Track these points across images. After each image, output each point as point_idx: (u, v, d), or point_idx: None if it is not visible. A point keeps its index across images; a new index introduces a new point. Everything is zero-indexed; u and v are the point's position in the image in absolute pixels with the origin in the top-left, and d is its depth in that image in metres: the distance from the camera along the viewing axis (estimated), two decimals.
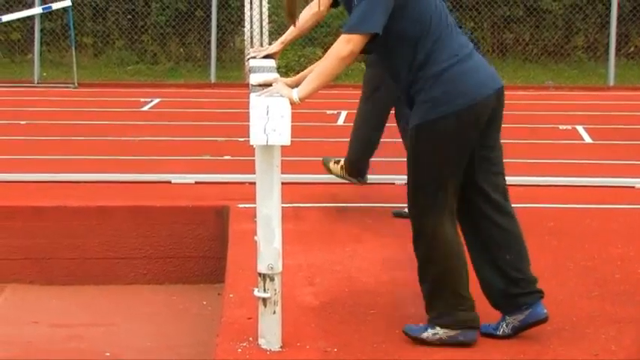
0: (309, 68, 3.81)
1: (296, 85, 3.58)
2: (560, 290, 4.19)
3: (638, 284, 4.36)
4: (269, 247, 3.42)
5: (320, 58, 3.89)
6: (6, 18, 13.50)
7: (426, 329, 3.61)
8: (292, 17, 3.72)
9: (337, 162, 5.82)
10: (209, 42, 14.08)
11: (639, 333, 3.72)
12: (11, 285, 5.62)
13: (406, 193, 3.67)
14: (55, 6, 13.48)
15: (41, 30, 14.15)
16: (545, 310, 3.62)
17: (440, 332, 3.58)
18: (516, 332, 3.62)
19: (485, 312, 3.74)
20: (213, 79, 13.70)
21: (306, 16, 5.06)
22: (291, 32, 5.17)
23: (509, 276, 3.60)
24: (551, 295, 3.90)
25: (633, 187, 6.43)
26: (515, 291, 3.60)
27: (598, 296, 4.18)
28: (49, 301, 5.42)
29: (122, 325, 4.98)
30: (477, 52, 3.65)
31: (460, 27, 3.70)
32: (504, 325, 3.63)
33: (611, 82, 13.08)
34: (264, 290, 3.43)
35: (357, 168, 5.72)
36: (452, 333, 3.57)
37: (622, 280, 4.43)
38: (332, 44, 3.67)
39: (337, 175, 5.84)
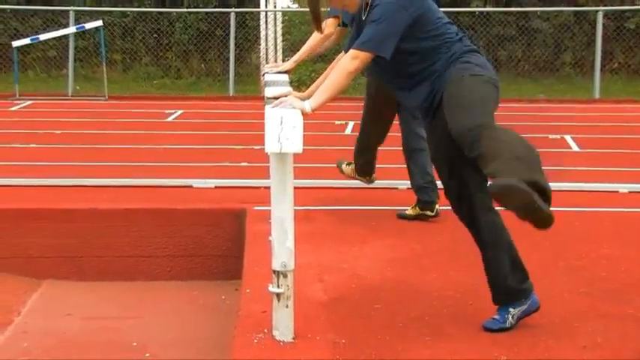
0: (316, 82, 3.80)
1: (307, 97, 3.58)
2: (551, 287, 4.16)
3: (624, 282, 4.33)
4: (282, 246, 3.40)
5: None
6: (43, 37, 13.57)
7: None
8: (318, 22, 3.70)
9: (349, 164, 5.80)
10: (228, 58, 14.12)
11: (630, 330, 3.69)
12: (47, 281, 5.62)
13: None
14: (87, 26, 13.55)
15: (75, 48, 14.22)
16: (537, 298, 3.65)
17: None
18: (518, 321, 3.62)
19: (482, 308, 3.73)
20: (231, 92, 13.74)
21: (319, 37, 5.07)
22: (303, 52, 5.18)
23: (517, 267, 3.60)
24: (542, 291, 3.88)
25: (617, 191, 6.41)
26: (521, 280, 3.60)
27: (586, 293, 4.15)
28: (81, 296, 5.42)
29: (148, 318, 4.97)
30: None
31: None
32: (510, 318, 3.61)
33: (597, 95, 13.08)
34: (278, 286, 3.42)
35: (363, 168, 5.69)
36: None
37: (608, 278, 4.41)
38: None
39: (348, 175, 5.82)
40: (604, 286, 4.27)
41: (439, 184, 4.06)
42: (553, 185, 6.63)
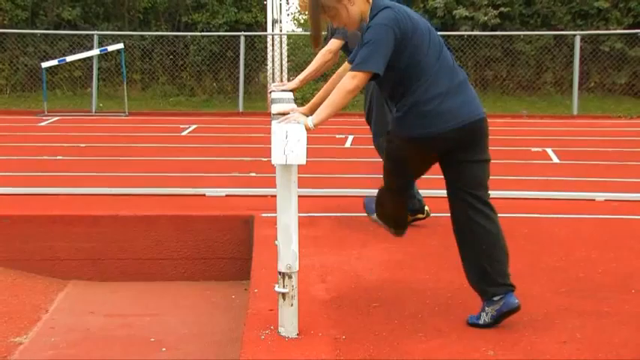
0: (317, 95, 3.80)
1: (310, 112, 3.58)
2: (534, 287, 4.16)
3: (600, 282, 4.32)
4: (287, 249, 3.40)
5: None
6: (70, 58, 13.61)
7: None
8: (317, 41, 3.70)
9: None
10: (238, 78, 14.14)
11: (606, 326, 3.68)
12: (72, 281, 5.62)
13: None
14: (110, 48, 13.59)
15: (98, 68, 14.26)
16: (517, 301, 3.58)
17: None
18: (496, 320, 3.58)
19: (471, 306, 3.72)
20: (241, 108, 13.74)
21: (322, 61, 5.08)
22: (307, 73, 5.17)
23: (484, 269, 3.57)
24: (526, 291, 3.88)
25: (594, 200, 6.40)
26: (488, 283, 3.58)
27: (565, 292, 4.15)
28: (104, 295, 5.41)
29: (164, 315, 4.96)
30: (460, 85, 3.55)
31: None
32: (484, 315, 3.60)
33: (575, 112, 13.08)
34: (284, 286, 3.41)
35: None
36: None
37: (585, 278, 4.40)
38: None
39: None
40: (582, 286, 4.26)
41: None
42: (535, 194, 6.67)
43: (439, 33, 3.74)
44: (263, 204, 5.88)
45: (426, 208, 5.39)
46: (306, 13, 4.27)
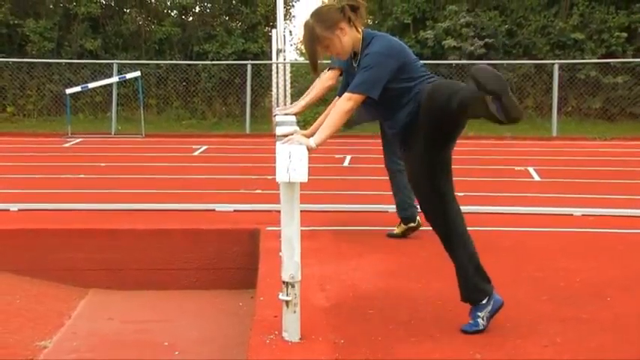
0: (318, 120, 3.81)
1: (311, 134, 3.59)
2: (517, 295, 4.14)
3: (579, 291, 4.31)
4: (291, 260, 3.39)
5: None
6: (92, 85, 13.68)
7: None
8: (315, 68, 3.71)
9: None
10: (245, 102, 14.19)
11: (584, 331, 3.66)
12: (92, 290, 5.60)
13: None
14: (128, 76, 13.65)
15: (117, 94, 14.32)
16: (500, 296, 3.61)
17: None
18: (489, 321, 3.59)
19: (460, 313, 3.70)
20: (248, 130, 13.79)
21: (322, 87, 5.09)
22: (309, 98, 5.18)
23: (480, 268, 3.56)
24: (510, 298, 3.86)
25: (572, 214, 6.39)
26: (484, 280, 3.57)
27: (547, 300, 4.13)
28: (121, 303, 5.39)
29: (177, 321, 4.94)
30: None
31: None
32: (481, 320, 3.58)
33: (555, 134, 13.12)
34: (287, 294, 3.40)
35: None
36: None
37: (565, 287, 4.38)
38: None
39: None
40: (562, 294, 4.24)
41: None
42: (518, 209, 6.66)
43: (429, 62, 3.77)
44: (268, 218, 5.87)
45: (418, 218, 5.39)
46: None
